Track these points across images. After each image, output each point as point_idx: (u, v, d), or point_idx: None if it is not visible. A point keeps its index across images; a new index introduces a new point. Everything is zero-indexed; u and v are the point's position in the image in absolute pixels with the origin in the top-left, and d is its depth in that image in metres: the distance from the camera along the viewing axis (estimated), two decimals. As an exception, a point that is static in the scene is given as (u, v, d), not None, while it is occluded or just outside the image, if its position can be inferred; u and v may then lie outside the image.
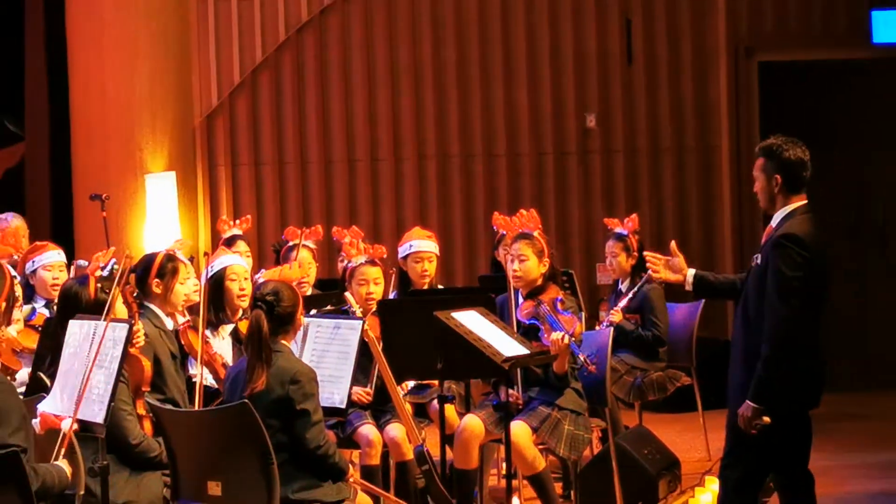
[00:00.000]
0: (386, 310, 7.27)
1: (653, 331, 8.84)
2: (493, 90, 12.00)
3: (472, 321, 6.55)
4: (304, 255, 8.42)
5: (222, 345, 7.22)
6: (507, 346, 6.51)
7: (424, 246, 8.24)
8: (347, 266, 7.81)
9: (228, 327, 7.27)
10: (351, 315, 7.33)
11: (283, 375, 5.94)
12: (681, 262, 6.39)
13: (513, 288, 7.50)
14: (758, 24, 11.91)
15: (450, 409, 7.45)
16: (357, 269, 7.67)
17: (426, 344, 6.59)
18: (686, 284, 6.38)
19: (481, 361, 6.39)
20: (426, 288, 8.19)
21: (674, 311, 9.18)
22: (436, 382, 7.28)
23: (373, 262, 7.70)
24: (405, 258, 8.24)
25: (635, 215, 9.27)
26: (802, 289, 5.94)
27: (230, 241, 8.86)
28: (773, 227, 6.12)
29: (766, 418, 5.97)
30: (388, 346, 7.07)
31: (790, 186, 6.09)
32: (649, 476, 8.02)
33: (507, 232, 8.01)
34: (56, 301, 6.68)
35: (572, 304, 7.47)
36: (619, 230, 9.08)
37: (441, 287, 8.61)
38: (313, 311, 7.34)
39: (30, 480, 5.06)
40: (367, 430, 7.31)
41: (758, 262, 6.10)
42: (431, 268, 8.21)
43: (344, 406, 6.72)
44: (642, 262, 7.49)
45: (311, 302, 7.67)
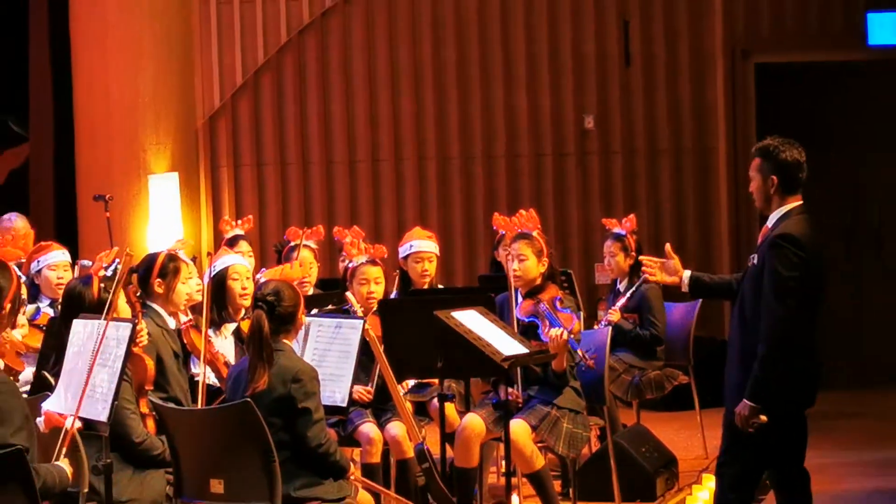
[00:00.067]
0: (387, 309, 7.26)
1: (650, 330, 8.84)
2: (493, 92, 12.00)
3: (472, 320, 6.55)
4: (306, 254, 8.44)
5: (224, 344, 7.22)
6: (506, 345, 6.50)
7: (425, 246, 8.24)
8: (348, 266, 7.80)
9: (231, 326, 7.27)
10: (352, 314, 7.35)
11: (285, 374, 5.93)
12: (676, 264, 6.38)
13: (513, 287, 7.48)
14: (754, 26, 11.88)
15: (450, 408, 7.44)
16: (358, 269, 7.66)
17: (426, 343, 6.59)
18: (682, 286, 6.37)
19: (481, 360, 6.38)
20: (426, 288, 8.18)
21: (671, 310, 9.18)
22: (436, 381, 7.25)
23: (374, 262, 7.69)
24: (406, 258, 8.24)
25: (633, 216, 9.28)
26: (799, 289, 5.92)
27: (232, 242, 8.88)
28: (769, 227, 6.10)
29: (763, 417, 5.95)
30: (389, 345, 7.06)
31: (786, 187, 6.06)
32: (647, 474, 8.08)
33: (506, 232, 8.02)
34: (60, 300, 6.73)
35: (571, 304, 7.46)
36: (617, 230, 9.08)
37: (441, 287, 8.61)
38: (315, 311, 7.34)
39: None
40: (368, 428, 7.30)
41: (754, 262, 6.07)
42: (432, 268, 8.21)
43: (345, 404, 6.72)
44: (640, 262, 7.50)
45: (312, 301, 7.70)
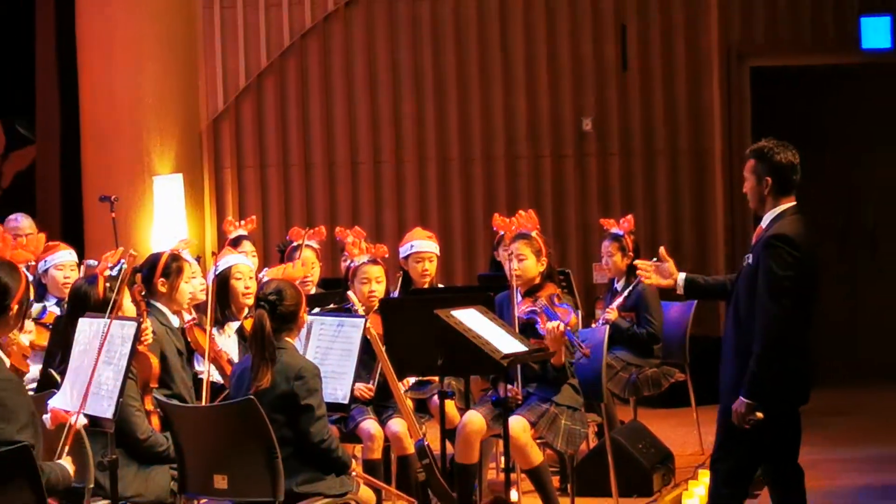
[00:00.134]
0: (388, 308, 7.26)
1: (647, 328, 8.88)
2: (492, 95, 12.04)
3: (472, 319, 6.54)
4: (308, 254, 8.47)
5: (228, 342, 7.25)
6: (505, 343, 6.51)
7: (425, 246, 8.27)
8: (350, 265, 7.81)
9: (234, 325, 7.30)
10: (354, 313, 7.35)
11: (287, 371, 5.97)
12: (671, 267, 6.37)
13: (514, 287, 7.46)
14: (750, 30, 11.92)
15: (450, 405, 7.45)
16: (359, 268, 7.66)
17: (427, 341, 6.58)
18: (677, 288, 6.38)
19: (480, 358, 6.38)
20: (427, 287, 8.21)
21: (668, 309, 9.20)
22: (436, 379, 7.27)
23: (375, 262, 7.69)
24: (406, 258, 8.26)
25: (630, 216, 9.31)
26: (793, 289, 5.93)
27: (236, 242, 8.92)
28: (763, 227, 6.11)
29: (759, 414, 5.97)
30: (390, 343, 7.08)
31: (780, 189, 6.07)
32: (644, 469, 8.11)
33: (505, 232, 8.05)
34: (66, 299, 6.80)
35: (569, 301, 7.45)
36: (614, 231, 9.11)
37: (441, 286, 8.63)
38: (317, 310, 7.37)
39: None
40: (369, 424, 7.31)
41: (749, 262, 6.08)
42: (432, 267, 8.23)
43: (347, 401, 6.77)
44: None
45: (314, 300, 7.73)
